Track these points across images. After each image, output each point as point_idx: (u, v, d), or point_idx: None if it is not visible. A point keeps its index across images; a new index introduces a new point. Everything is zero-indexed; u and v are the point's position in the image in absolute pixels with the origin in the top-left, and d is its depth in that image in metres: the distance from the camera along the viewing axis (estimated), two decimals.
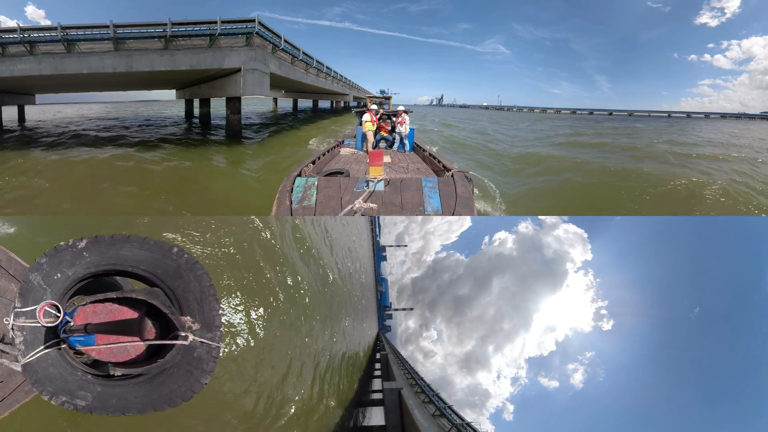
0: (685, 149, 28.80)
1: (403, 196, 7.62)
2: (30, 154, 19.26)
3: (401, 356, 28.42)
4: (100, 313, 3.62)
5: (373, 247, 62.53)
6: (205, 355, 3.63)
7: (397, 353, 30.06)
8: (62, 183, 14.47)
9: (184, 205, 12.42)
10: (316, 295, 12.22)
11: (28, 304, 3.63)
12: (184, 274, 3.68)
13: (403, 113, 14.84)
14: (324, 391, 10.60)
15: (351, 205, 7.18)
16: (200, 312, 3.65)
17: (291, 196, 7.59)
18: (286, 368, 8.58)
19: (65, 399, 3.63)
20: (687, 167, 21.02)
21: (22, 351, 3.66)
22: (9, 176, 14.96)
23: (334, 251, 18.41)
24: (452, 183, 8.01)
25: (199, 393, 3.71)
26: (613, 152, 27.42)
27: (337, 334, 14.61)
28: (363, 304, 30.54)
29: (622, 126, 57.99)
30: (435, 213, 7.28)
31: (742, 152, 28.32)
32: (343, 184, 8.09)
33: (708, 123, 79.31)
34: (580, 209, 16.75)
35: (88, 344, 3.60)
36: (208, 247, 7.88)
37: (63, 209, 11.97)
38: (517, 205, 15.71)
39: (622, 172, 19.54)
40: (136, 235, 3.75)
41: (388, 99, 18.08)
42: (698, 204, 15.47)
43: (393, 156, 13.57)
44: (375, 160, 8.88)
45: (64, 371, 3.65)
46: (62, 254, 3.68)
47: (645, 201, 15.56)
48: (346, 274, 21.32)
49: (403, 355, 29.76)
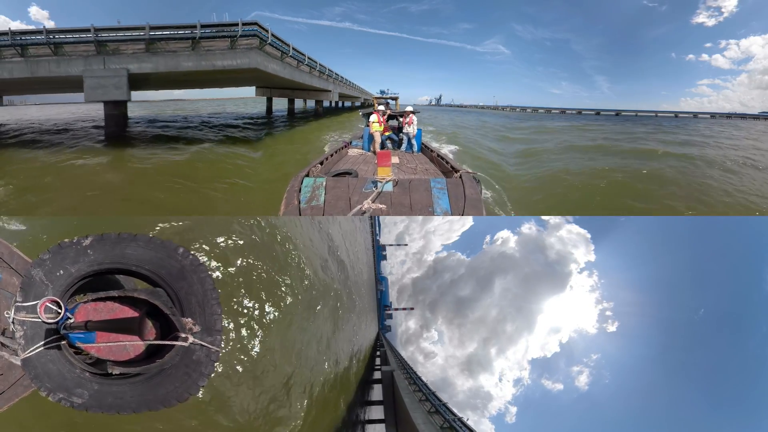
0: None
1: (412, 196, 7.58)
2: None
3: (401, 357, 29.65)
4: (101, 310, 3.59)
5: (374, 246, 62.54)
6: (204, 358, 3.60)
7: (396, 352, 31.27)
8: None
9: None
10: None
11: (29, 299, 3.61)
12: (187, 275, 3.64)
13: (411, 114, 14.77)
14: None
15: (360, 206, 7.15)
16: (201, 314, 3.62)
17: (299, 196, 7.56)
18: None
19: (62, 396, 3.61)
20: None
21: (22, 345, 3.64)
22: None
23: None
24: (461, 184, 7.97)
25: (195, 395, 3.68)
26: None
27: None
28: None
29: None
30: (444, 214, 7.24)
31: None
32: (351, 184, 8.05)
33: (710, 123, 78.90)
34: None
35: (88, 341, 3.57)
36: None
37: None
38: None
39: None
40: (143, 234, 3.71)
41: (395, 99, 17.98)
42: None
43: (401, 157, 13.51)
44: (383, 161, 8.85)
45: (63, 368, 3.64)
46: (66, 251, 3.65)
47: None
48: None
49: (403, 357, 30.80)
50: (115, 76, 19.39)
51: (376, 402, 18.99)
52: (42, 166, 16.89)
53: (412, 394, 13.92)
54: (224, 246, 8.33)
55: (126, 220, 9.06)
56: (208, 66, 20.01)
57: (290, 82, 30.51)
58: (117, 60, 19.33)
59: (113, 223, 7.92)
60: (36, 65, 19.23)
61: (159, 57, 19.50)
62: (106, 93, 19.62)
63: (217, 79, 26.98)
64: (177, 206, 12.79)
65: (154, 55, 19.45)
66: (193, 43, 19.50)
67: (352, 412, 13.90)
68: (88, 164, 16.91)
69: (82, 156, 18.19)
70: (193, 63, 19.89)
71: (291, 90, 41.20)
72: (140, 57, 19.41)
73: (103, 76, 19.40)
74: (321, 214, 7.32)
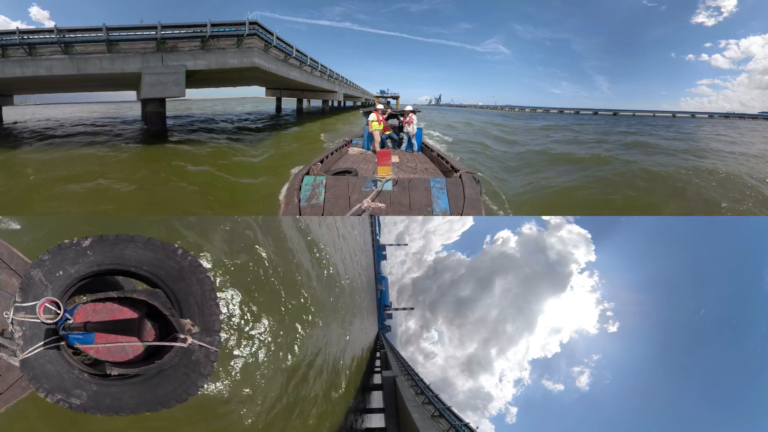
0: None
1: (412, 196, 7.58)
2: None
3: (404, 360, 29.10)
4: (100, 311, 3.58)
5: (373, 245, 62.58)
6: (203, 358, 3.59)
7: (397, 354, 30.61)
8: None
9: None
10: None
11: (28, 299, 3.60)
12: (186, 276, 3.64)
13: (411, 113, 14.76)
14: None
15: (359, 204, 7.16)
16: (200, 315, 3.61)
17: (299, 194, 7.58)
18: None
19: (61, 397, 3.60)
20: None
21: (21, 346, 3.63)
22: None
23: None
24: (460, 184, 7.98)
25: (194, 395, 3.67)
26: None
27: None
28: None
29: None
30: (443, 213, 7.25)
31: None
32: (351, 183, 8.06)
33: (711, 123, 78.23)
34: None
35: (87, 342, 3.57)
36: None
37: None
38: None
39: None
40: (140, 234, 3.70)
41: (395, 99, 17.99)
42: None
43: (401, 156, 13.52)
44: (383, 160, 8.87)
45: (62, 369, 3.63)
46: (65, 252, 3.65)
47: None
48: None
49: (406, 360, 30.35)
50: (174, 72, 19.73)
51: (376, 410, 17.67)
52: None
53: (421, 407, 12.21)
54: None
55: (126, 221, 9.05)
56: (248, 63, 21.05)
57: (305, 84, 35.18)
58: (175, 57, 19.64)
59: (113, 224, 7.92)
60: (84, 62, 19.23)
61: (211, 54, 19.98)
62: (165, 89, 19.92)
63: (232, 78, 28.89)
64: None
65: (207, 52, 19.92)
66: (238, 40, 20.25)
67: (349, 420, 13.39)
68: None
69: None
70: (237, 60, 20.74)
71: (301, 91, 44.91)
72: (196, 54, 19.83)
73: (162, 73, 19.70)
74: (321, 213, 7.33)
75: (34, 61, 18.96)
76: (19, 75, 19.00)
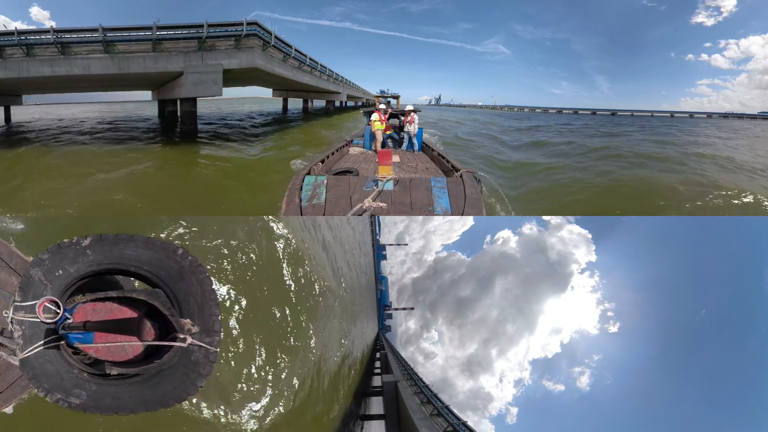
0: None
1: (413, 195, 7.57)
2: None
3: (405, 362, 28.85)
4: (99, 311, 3.57)
5: (373, 245, 62.59)
6: (202, 359, 3.58)
7: (398, 355, 30.36)
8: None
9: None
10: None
11: (27, 298, 3.59)
12: (186, 276, 3.63)
13: (412, 112, 14.76)
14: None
15: (360, 204, 7.15)
16: (200, 315, 3.60)
17: (300, 194, 7.57)
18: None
19: (60, 396, 3.59)
20: None
21: (21, 345, 3.62)
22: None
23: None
24: (461, 183, 7.98)
25: (193, 395, 3.67)
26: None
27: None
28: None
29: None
30: (444, 213, 7.24)
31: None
32: (352, 183, 8.06)
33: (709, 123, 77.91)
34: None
35: (87, 342, 3.56)
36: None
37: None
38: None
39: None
40: (140, 234, 3.69)
41: (396, 98, 18.02)
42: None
43: (402, 155, 13.51)
44: (384, 160, 8.86)
45: (61, 368, 3.62)
46: (65, 251, 3.64)
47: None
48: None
49: (408, 363, 30.09)
50: (213, 71, 19.86)
51: (376, 416, 16.98)
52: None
53: (429, 419, 10.97)
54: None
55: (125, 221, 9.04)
56: (270, 69, 22.21)
57: (313, 87, 37.65)
58: (213, 56, 19.76)
59: (115, 224, 7.91)
60: (127, 62, 19.28)
61: (243, 53, 20.08)
62: (206, 88, 20.04)
63: (249, 78, 29.43)
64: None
65: (240, 52, 19.99)
66: (264, 44, 20.94)
67: (346, 427, 13.10)
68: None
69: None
70: (262, 61, 21.17)
71: (307, 92, 46.50)
72: (230, 53, 19.93)
73: (204, 72, 19.84)
74: (322, 213, 7.32)
75: (68, 60, 18.88)
76: (48, 74, 18.94)
